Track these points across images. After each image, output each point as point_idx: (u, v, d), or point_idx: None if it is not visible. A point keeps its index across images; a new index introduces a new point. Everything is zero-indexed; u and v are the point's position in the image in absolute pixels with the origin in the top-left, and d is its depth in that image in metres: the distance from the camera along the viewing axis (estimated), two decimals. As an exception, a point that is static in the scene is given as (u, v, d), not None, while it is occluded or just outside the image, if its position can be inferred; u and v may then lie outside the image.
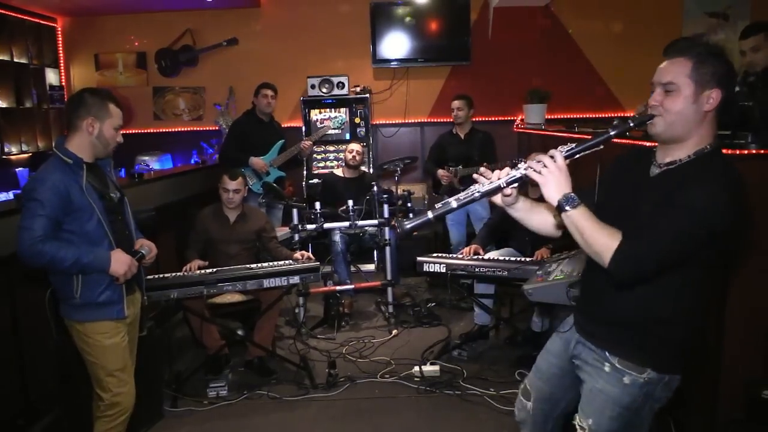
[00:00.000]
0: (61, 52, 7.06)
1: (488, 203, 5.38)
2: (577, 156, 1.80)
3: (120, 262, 2.59)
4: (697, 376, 2.89)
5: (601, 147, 1.80)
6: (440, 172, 5.39)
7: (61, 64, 7.06)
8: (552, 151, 1.79)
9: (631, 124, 1.83)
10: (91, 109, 2.62)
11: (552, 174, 1.76)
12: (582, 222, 1.75)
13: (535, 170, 1.78)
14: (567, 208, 1.74)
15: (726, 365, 2.70)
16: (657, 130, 1.83)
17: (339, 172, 5.60)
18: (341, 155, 6.32)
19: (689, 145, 1.82)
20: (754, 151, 2.57)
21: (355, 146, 5.51)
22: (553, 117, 6.44)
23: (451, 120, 5.59)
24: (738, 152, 2.59)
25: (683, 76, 1.78)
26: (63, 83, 7.01)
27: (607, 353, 1.92)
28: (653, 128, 1.83)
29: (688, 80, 1.78)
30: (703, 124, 1.81)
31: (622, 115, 6.67)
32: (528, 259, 3.91)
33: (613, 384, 1.89)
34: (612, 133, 1.79)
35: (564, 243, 3.88)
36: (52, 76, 6.89)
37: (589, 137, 1.81)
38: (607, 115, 6.72)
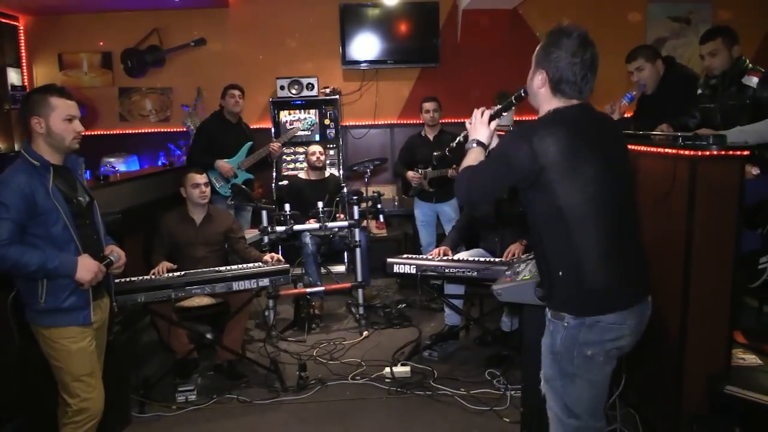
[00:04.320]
0: (23, 51, 6.89)
1: (457, 205, 5.46)
2: (501, 114, 2.34)
3: (86, 269, 2.55)
4: (661, 372, 2.95)
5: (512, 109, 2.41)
6: (410, 174, 5.40)
7: (24, 64, 6.89)
8: (482, 109, 2.34)
9: (521, 94, 2.29)
10: (33, 108, 2.56)
11: (473, 125, 2.34)
12: (468, 156, 2.25)
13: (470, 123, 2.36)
14: (471, 146, 2.29)
15: (689, 360, 2.76)
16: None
17: (304, 174, 5.56)
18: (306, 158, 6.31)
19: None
20: (715, 153, 2.62)
21: (317, 147, 5.48)
22: (521, 119, 6.50)
23: (421, 122, 5.61)
24: (700, 153, 2.64)
25: (533, 58, 2.15)
26: (25, 83, 6.85)
27: (546, 309, 2.14)
28: None
29: (533, 61, 2.15)
30: (545, 99, 2.11)
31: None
32: (497, 260, 3.95)
33: (547, 334, 2.13)
34: (512, 101, 2.34)
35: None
36: (14, 76, 6.72)
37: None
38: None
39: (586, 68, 2.03)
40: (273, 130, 6.51)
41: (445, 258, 4.06)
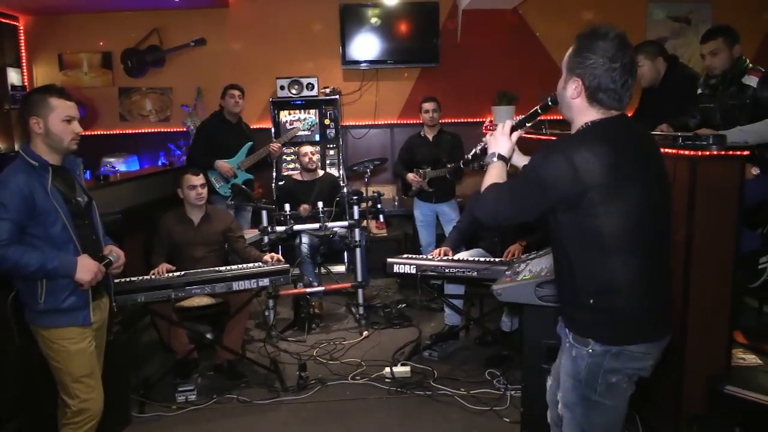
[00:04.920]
0: (23, 51, 6.88)
1: (457, 205, 5.46)
2: (525, 125, 2.19)
3: (86, 269, 2.54)
4: (661, 372, 2.95)
5: (537, 118, 2.19)
6: (409, 176, 5.39)
7: (24, 64, 6.88)
8: (507, 121, 2.19)
9: (548, 103, 2.11)
10: (32, 108, 2.56)
11: (494, 137, 2.18)
12: (490, 172, 2.09)
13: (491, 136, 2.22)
14: (491, 161, 2.13)
15: (689, 360, 2.76)
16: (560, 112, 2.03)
17: (297, 175, 5.55)
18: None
19: (574, 128, 1.96)
20: (715, 153, 2.62)
21: (309, 148, 5.47)
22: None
23: (422, 122, 5.60)
24: (700, 153, 2.64)
25: (563, 64, 1.96)
26: (26, 83, 6.84)
27: (567, 330, 2.02)
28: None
29: (564, 68, 1.96)
30: (581, 110, 1.92)
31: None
32: (497, 260, 3.95)
33: (568, 358, 2.00)
34: (538, 110, 2.14)
35: (537, 239, 3.94)
36: (14, 76, 6.71)
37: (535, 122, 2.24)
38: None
39: (626, 73, 1.85)
40: (273, 130, 6.51)
41: (445, 258, 4.06)
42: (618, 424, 2.01)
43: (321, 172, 5.62)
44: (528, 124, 2.19)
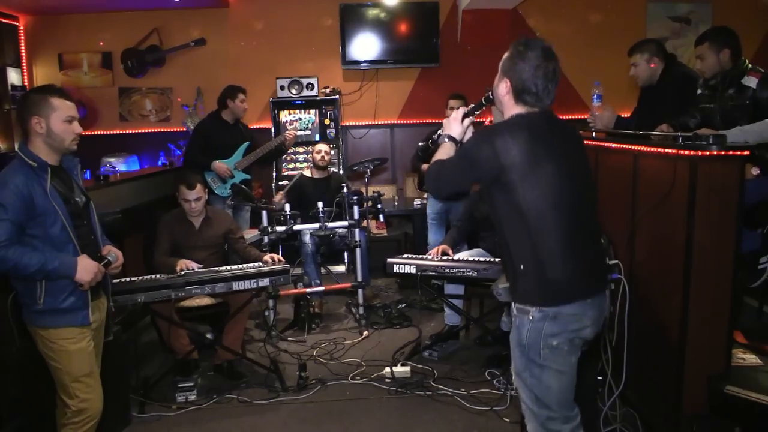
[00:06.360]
0: (23, 51, 6.89)
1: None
2: (474, 113, 2.46)
3: (86, 269, 2.54)
4: (661, 372, 2.95)
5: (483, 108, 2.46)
6: (424, 167, 5.39)
7: (24, 64, 6.89)
8: (460, 109, 2.47)
9: (489, 96, 2.38)
10: (32, 108, 2.55)
11: (448, 122, 2.46)
12: (439, 150, 2.39)
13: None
14: (443, 141, 2.42)
15: (689, 360, 2.75)
16: None
17: (308, 173, 5.57)
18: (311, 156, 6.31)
19: (505, 119, 2.27)
20: (715, 153, 2.62)
21: (323, 146, 5.49)
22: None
23: (421, 122, 5.58)
24: (700, 153, 2.64)
25: (499, 65, 2.26)
26: (26, 83, 6.85)
27: (512, 303, 2.24)
28: None
29: (499, 69, 2.26)
30: (509, 105, 2.25)
31: (587, 116, 6.77)
32: (497, 260, 3.94)
33: (514, 328, 2.23)
34: (482, 101, 2.42)
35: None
36: (14, 76, 6.72)
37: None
38: (572, 117, 6.80)
39: (548, 80, 2.17)
40: (273, 130, 6.52)
41: (445, 258, 4.06)
42: (567, 388, 2.19)
43: (332, 170, 5.64)
44: (477, 112, 2.48)
